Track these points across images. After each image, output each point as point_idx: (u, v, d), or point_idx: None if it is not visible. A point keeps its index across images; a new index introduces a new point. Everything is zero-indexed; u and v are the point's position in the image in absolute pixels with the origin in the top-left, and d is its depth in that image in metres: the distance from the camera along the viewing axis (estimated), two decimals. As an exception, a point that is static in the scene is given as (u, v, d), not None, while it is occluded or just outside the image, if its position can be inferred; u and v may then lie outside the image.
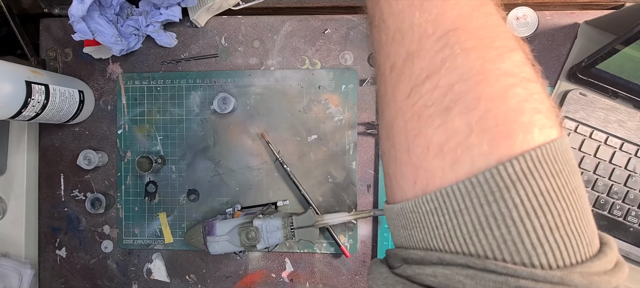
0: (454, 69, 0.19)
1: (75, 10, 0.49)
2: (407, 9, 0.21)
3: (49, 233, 0.63)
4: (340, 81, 0.60)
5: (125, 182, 0.62)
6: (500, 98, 0.19)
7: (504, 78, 0.19)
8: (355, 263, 0.60)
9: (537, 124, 0.19)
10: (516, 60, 0.20)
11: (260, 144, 0.61)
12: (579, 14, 0.57)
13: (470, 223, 0.18)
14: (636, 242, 0.54)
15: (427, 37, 0.20)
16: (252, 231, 0.53)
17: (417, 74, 0.20)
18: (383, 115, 0.23)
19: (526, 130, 0.18)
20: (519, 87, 0.19)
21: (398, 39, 0.21)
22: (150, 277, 0.62)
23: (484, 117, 0.18)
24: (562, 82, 0.56)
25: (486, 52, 0.19)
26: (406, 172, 0.21)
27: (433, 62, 0.20)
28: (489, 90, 0.19)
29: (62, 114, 0.56)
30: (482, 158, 0.18)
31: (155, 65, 0.62)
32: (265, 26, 0.61)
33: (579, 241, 0.18)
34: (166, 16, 0.57)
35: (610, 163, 0.54)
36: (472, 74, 0.19)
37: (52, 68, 0.62)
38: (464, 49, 0.19)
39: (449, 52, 0.19)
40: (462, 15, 0.20)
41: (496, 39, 0.20)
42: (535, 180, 0.18)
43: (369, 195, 0.60)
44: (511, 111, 0.18)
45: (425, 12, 0.20)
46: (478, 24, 0.20)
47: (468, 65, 0.19)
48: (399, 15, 0.21)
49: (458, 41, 0.19)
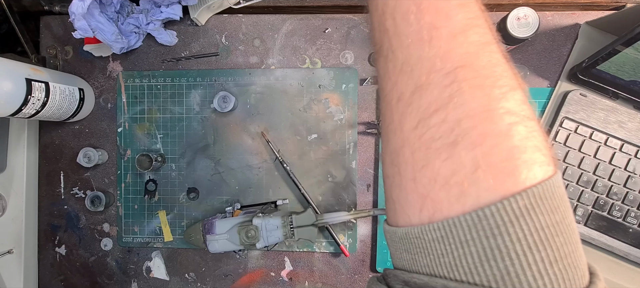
0: (461, 104, 0.20)
1: (76, 8, 0.49)
2: (417, 43, 0.22)
3: (48, 230, 0.63)
4: (340, 80, 0.60)
5: (125, 180, 0.62)
6: (504, 135, 0.20)
7: (508, 116, 0.20)
8: (354, 263, 0.60)
9: (538, 161, 0.20)
10: (518, 99, 0.21)
11: (260, 143, 0.61)
12: (580, 14, 0.57)
13: (476, 254, 0.19)
14: (635, 243, 0.54)
15: (436, 72, 0.21)
16: (251, 230, 0.53)
17: (425, 107, 0.21)
18: (388, 142, 0.24)
19: (529, 168, 0.19)
20: (521, 125, 0.20)
21: (407, 71, 0.22)
22: (149, 275, 0.62)
23: (490, 153, 0.19)
24: (563, 83, 0.56)
25: (491, 91, 0.20)
26: (412, 200, 0.22)
27: (441, 96, 0.21)
28: (494, 128, 0.20)
29: (62, 112, 0.56)
30: (488, 193, 0.19)
31: (155, 63, 0.62)
32: (265, 25, 0.61)
33: (575, 273, 0.20)
34: (167, 14, 0.57)
35: (610, 164, 0.54)
36: (478, 111, 0.20)
37: (52, 66, 0.62)
38: (471, 87, 0.20)
39: (457, 88, 0.20)
40: (469, 53, 0.21)
41: (500, 78, 0.21)
42: (537, 216, 0.19)
43: (369, 195, 0.60)
44: (515, 149, 0.19)
45: (434, 47, 0.21)
46: (483, 63, 0.21)
47: (474, 103, 0.20)
48: (408, 48, 0.22)
49: (465, 78, 0.20)
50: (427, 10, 0.21)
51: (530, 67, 0.57)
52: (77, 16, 0.50)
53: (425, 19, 0.21)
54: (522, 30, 0.50)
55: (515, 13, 0.49)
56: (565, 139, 0.55)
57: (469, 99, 0.20)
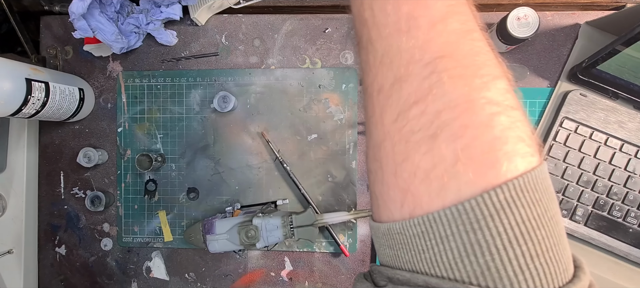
0: (441, 96, 0.20)
1: (76, 8, 0.49)
2: (395, 34, 0.21)
3: (48, 230, 0.63)
4: (340, 80, 0.60)
5: (125, 180, 0.62)
6: (485, 126, 0.19)
7: (489, 107, 0.19)
8: (354, 263, 0.60)
9: (520, 152, 0.19)
10: (500, 88, 0.20)
11: (260, 143, 0.61)
12: (580, 14, 0.57)
13: (456, 250, 0.19)
14: (635, 243, 0.54)
15: (415, 63, 0.20)
16: (251, 230, 0.53)
17: (404, 99, 0.21)
18: (370, 136, 0.23)
19: (510, 160, 0.19)
20: (503, 115, 0.19)
21: (386, 62, 0.22)
22: (149, 275, 0.62)
23: (470, 146, 0.19)
24: (563, 83, 0.56)
25: (472, 80, 0.20)
26: (393, 195, 0.21)
27: (420, 88, 0.20)
28: (474, 119, 0.19)
29: (62, 112, 0.56)
30: (468, 187, 0.19)
31: (155, 63, 0.62)
32: (265, 25, 0.61)
33: (557, 267, 0.19)
34: (167, 14, 0.57)
35: (610, 164, 0.54)
36: (458, 102, 0.19)
37: (52, 66, 0.62)
38: (451, 77, 0.20)
39: (436, 79, 0.20)
40: (449, 42, 0.20)
41: (482, 67, 0.20)
42: (518, 209, 0.19)
43: (369, 195, 0.60)
44: (496, 140, 0.19)
45: (412, 38, 0.21)
46: (464, 52, 0.20)
47: (455, 93, 0.19)
48: (386, 39, 0.21)
49: (445, 68, 0.20)
50: (405, 0, 0.21)
51: (530, 67, 0.57)
52: (77, 16, 0.50)
53: (403, 8, 0.21)
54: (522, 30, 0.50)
55: (515, 13, 0.49)
56: (565, 139, 0.55)
57: (449, 89, 0.19)
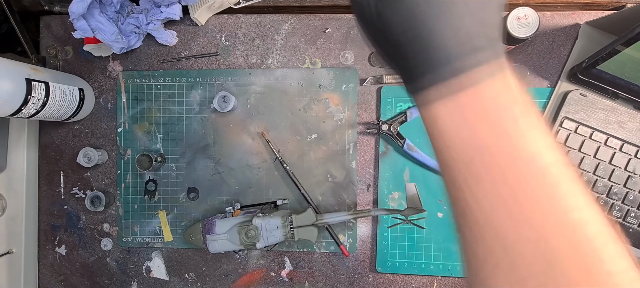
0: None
1: (76, 8, 0.49)
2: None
3: (48, 230, 0.63)
4: (340, 80, 0.60)
5: (125, 180, 0.62)
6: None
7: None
8: (354, 263, 0.60)
9: None
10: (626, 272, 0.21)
11: (260, 143, 0.61)
12: (580, 14, 0.57)
13: None
14: (635, 243, 0.54)
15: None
16: (251, 230, 0.53)
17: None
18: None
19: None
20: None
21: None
22: (149, 275, 0.62)
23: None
24: (563, 83, 0.56)
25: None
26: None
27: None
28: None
29: (62, 112, 0.56)
30: None
31: (155, 63, 0.62)
32: (265, 25, 0.61)
33: None
34: (167, 14, 0.57)
35: (610, 164, 0.54)
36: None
37: (52, 66, 0.62)
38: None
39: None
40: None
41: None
42: None
43: (369, 195, 0.60)
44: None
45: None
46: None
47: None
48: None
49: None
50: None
51: (530, 67, 0.57)
52: (77, 16, 0.50)
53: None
54: (522, 30, 0.50)
55: (515, 13, 0.49)
56: (565, 139, 0.55)
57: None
